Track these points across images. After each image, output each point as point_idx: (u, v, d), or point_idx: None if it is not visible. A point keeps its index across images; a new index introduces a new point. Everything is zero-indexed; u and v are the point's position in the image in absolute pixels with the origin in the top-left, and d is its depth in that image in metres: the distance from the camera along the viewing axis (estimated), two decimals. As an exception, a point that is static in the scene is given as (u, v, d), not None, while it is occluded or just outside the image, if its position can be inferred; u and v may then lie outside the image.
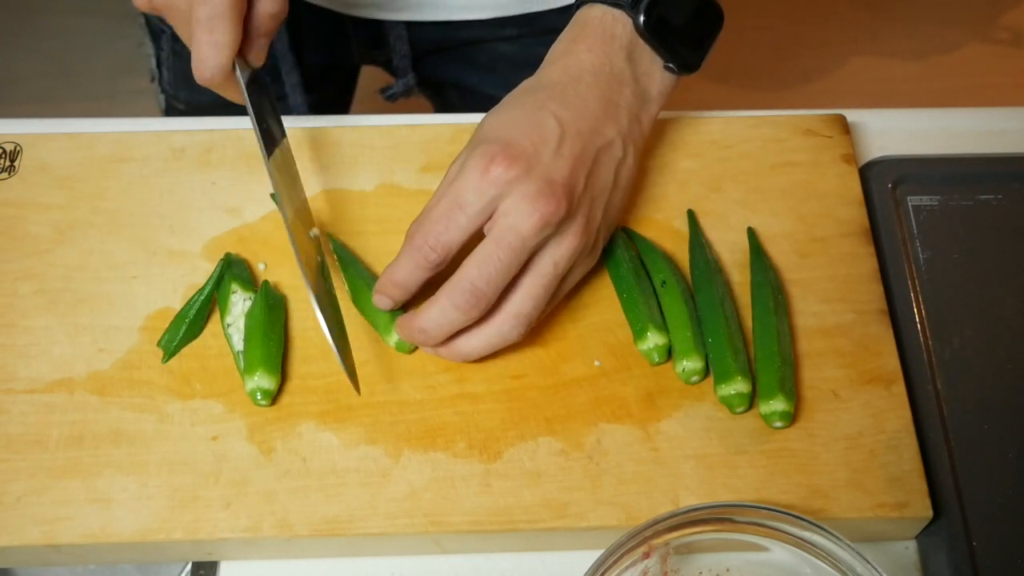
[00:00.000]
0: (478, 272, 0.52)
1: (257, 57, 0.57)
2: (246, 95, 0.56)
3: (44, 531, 0.52)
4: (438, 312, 0.53)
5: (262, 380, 0.55)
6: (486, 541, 0.54)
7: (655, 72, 0.59)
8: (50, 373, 0.57)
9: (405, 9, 0.80)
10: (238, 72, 0.56)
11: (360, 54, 0.89)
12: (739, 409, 0.55)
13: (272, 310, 0.58)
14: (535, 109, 0.55)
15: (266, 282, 0.59)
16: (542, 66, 0.59)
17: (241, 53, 0.55)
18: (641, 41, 0.58)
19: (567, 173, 0.53)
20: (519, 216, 0.52)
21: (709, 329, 0.57)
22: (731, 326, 0.57)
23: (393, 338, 0.57)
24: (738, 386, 0.55)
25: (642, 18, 0.57)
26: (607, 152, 0.56)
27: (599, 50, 0.58)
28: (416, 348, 0.58)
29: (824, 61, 1.93)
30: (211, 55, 0.54)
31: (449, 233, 0.53)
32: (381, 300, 0.56)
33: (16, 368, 0.57)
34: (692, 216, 0.62)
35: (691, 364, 0.56)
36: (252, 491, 0.53)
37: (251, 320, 0.57)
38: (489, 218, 0.53)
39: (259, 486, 0.54)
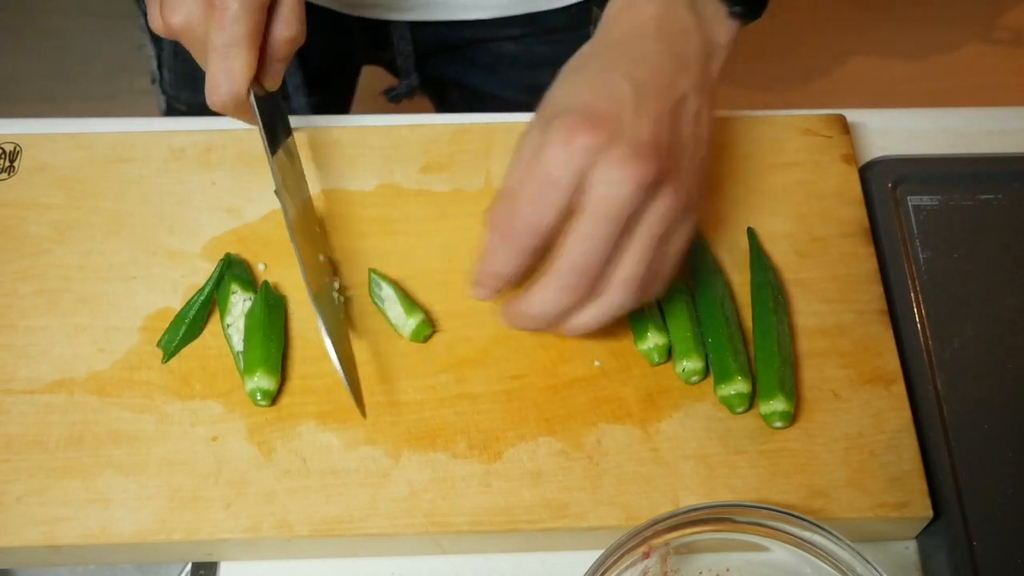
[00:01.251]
0: (581, 250, 0.49)
1: (272, 81, 0.57)
2: (260, 123, 0.56)
3: (44, 531, 0.52)
4: (550, 297, 0.51)
5: (262, 380, 0.55)
6: (486, 541, 0.54)
7: (720, 19, 0.56)
8: (50, 373, 0.57)
9: (409, 9, 0.80)
10: (252, 98, 0.56)
11: (363, 54, 0.89)
12: (739, 409, 0.55)
13: (272, 310, 0.58)
14: (604, 71, 0.53)
15: (266, 282, 0.59)
16: (602, 24, 0.56)
17: (256, 77, 0.56)
18: None
19: (651, 132, 0.50)
20: (613, 184, 0.49)
21: (709, 329, 0.57)
22: (731, 326, 0.57)
23: (408, 327, 0.57)
24: (738, 386, 0.55)
25: None
26: (683, 106, 0.53)
27: (660, 2, 0.55)
28: (430, 336, 0.57)
29: (824, 61, 1.93)
30: (225, 83, 0.54)
31: (545, 214, 0.50)
32: (482, 292, 0.53)
33: (16, 368, 0.57)
34: None
35: (691, 364, 0.56)
36: (252, 491, 0.53)
37: (251, 320, 0.57)
38: (578, 190, 0.50)
39: (259, 486, 0.54)
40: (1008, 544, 0.53)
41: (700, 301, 0.59)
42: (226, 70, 0.54)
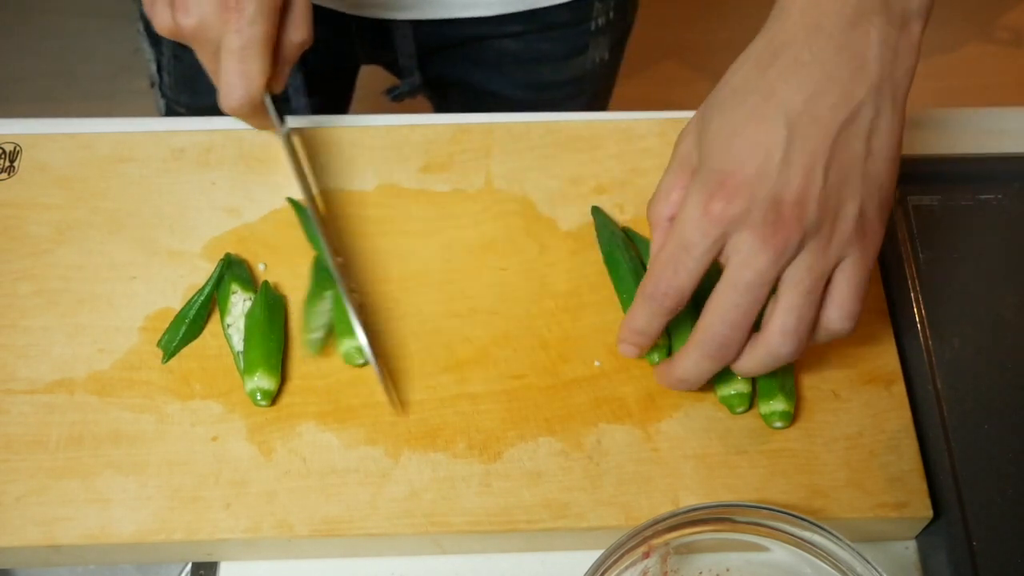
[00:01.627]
0: (720, 321, 0.50)
1: (279, 84, 0.58)
2: (278, 123, 0.56)
3: (44, 531, 0.52)
4: (693, 364, 0.51)
5: (262, 380, 0.55)
6: (486, 541, 0.54)
7: None
8: (50, 373, 0.57)
9: (410, 7, 0.80)
10: (268, 101, 0.56)
11: (364, 54, 0.89)
12: (739, 409, 0.55)
13: (272, 310, 0.58)
14: (761, 107, 0.49)
15: (266, 282, 0.59)
16: (778, 9, 0.51)
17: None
18: None
19: (799, 182, 0.48)
20: (750, 253, 0.48)
21: None
22: None
23: (344, 347, 0.57)
24: (738, 386, 0.55)
25: None
26: (853, 123, 0.49)
27: None
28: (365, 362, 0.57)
29: (824, 61, 1.92)
30: (241, 85, 0.54)
31: (679, 278, 0.50)
32: (627, 349, 0.54)
33: (16, 368, 0.57)
34: None
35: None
36: (252, 491, 0.53)
37: (251, 320, 0.57)
38: (717, 254, 0.50)
39: (259, 486, 0.54)
40: (1008, 544, 0.53)
41: (698, 301, 0.59)
42: (242, 72, 0.54)
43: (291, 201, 0.62)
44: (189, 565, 0.55)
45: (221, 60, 0.54)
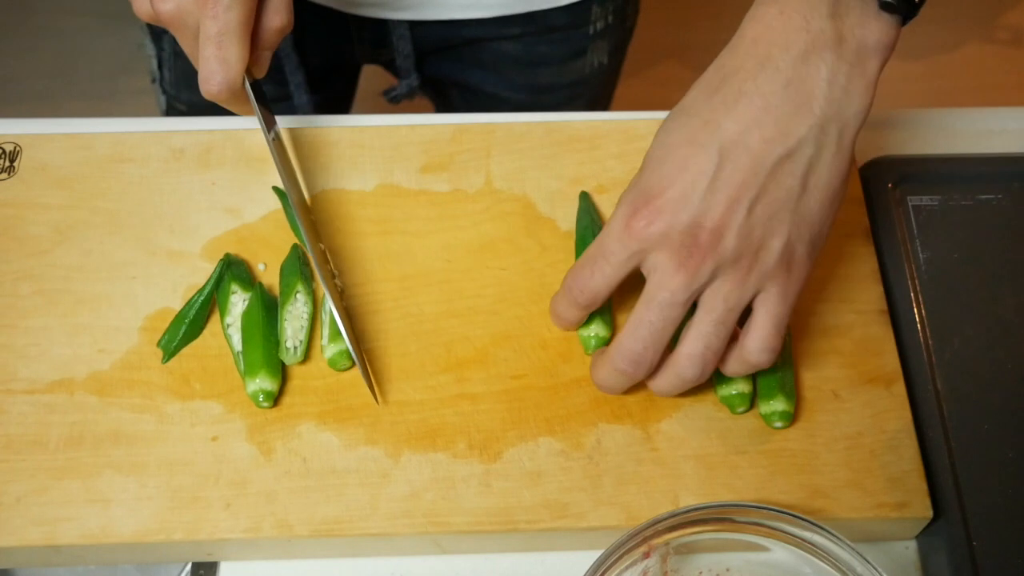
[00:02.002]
0: (633, 339, 0.51)
1: (260, 69, 0.57)
2: (256, 108, 0.56)
3: (44, 532, 0.52)
4: (606, 375, 0.54)
5: (264, 382, 0.55)
6: (486, 541, 0.54)
7: (869, 20, 0.49)
8: (50, 373, 0.57)
9: (408, 8, 0.80)
10: (247, 85, 0.56)
11: (363, 54, 0.89)
12: (740, 409, 0.55)
13: (268, 311, 0.58)
14: (698, 132, 0.50)
15: (260, 283, 0.59)
16: (736, 36, 0.51)
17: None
18: None
19: (719, 212, 0.49)
20: (664, 273, 0.50)
21: None
22: None
23: (329, 352, 0.57)
24: (739, 386, 0.55)
25: None
26: (789, 159, 0.49)
27: (794, 8, 0.49)
28: (348, 368, 0.57)
29: (824, 61, 1.92)
30: (219, 71, 0.54)
31: (594, 280, 0.52)
32: (553, 320, 0.58)
33: (16, 368, 0.57)
34: None
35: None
36: (252, 491, 0.53)
37: (247, 321, 0.57)
38: (637, 265, 0.51)
39: (259, 486, 0.54)
40: (1008, 544, 0.53)
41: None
42: (221, 58, 0.54)
43: (276, 190, 0.62)
44: (189, 565, 0.55)
45: (200, 47, 0.54)
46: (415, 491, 0.54)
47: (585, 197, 0.63)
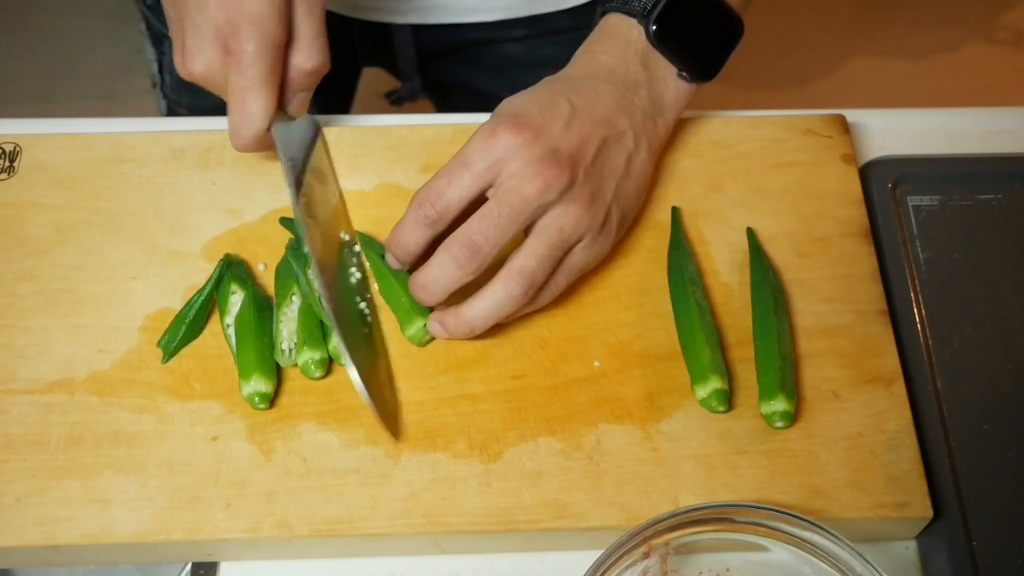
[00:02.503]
0: (476, 227, 0.53)
1: (297, 110, 0.59)
2: (283, 157, 0.57)
3: (44, 532, 0.52)
4: (437, 267, 0.54)
5: (259, 384, 0.55)
6: (486, 541, 0.54)
7: (669, 79, 0.60)
8: (50, 373, 0.57)
9: (411, 12, 0.80)
10: (274, 132, 0.56)
11: (365, 57, 0.89)
12: (719, 409, 0.55)
13: (261, 311, 0.57)
14: (550, 93, 0.57)
15: (253, 283, 0.59)
16: (566, 68, 0.61)
17: (280, 107, 0.57)
18: (654, 48, 0.59)
19: (574, 146, 0.55)
20: (522, 179, 0.53)
21: (681, 326, 0.58)
22: (704, 318, 0.57)
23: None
24: (714, 384, 0.55)
25: (653, 27, 0.58)
26: (618, 141, 0.57)
27: (616, 53, 0.59)
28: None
29: (824, 61, 1.93)
30: (244, 126, 0.56)
31: (450, 189, 0.54)
32: (390, 259, 0.58)
33: (16, 368, 0.57)
34: (675, 213, 0.62)
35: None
36: (252, 491, 0.53)
37: (240, 322, 0.57)
38: (490, 183, 0.54)
39: (259, 486, 0.54)
40: (1008, 544, 0.53)
41: (675, 302, 0.59)
42: (244, 113, 0.55)
43: (283, 222, 0.62)
44: (189, 565, 0.55)
45: (227, 101, 0.56)
46: (415, 491, 0.54)
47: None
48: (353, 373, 0.52)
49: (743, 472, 0.55)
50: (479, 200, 0.54)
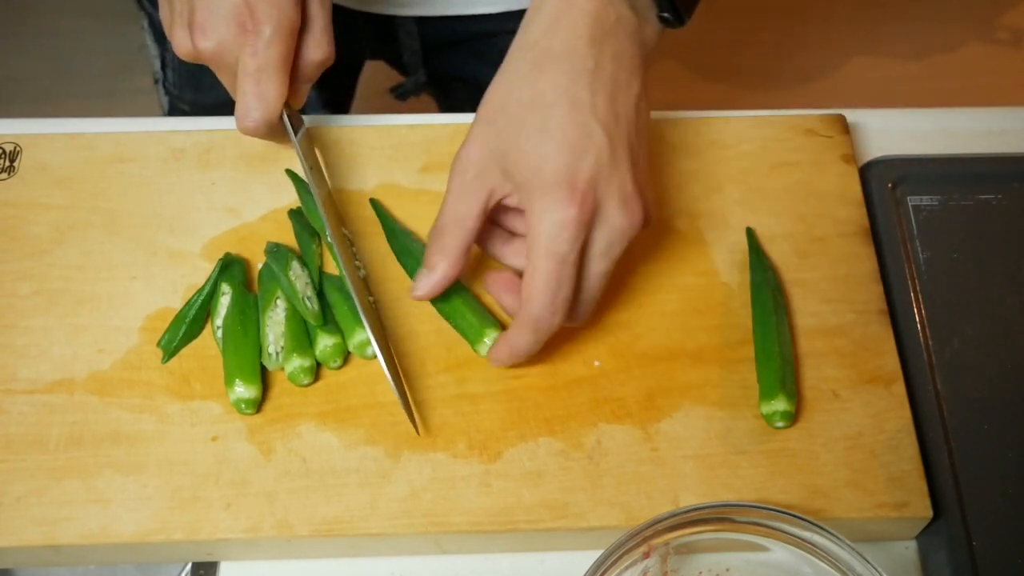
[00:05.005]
0: (596, 291, 0.53)
1: (298, 100, 0.58)
2: (295, 140, 0.56)
3: (44, 532, 0.52)
4: (524, 343, 0.53)
5: (242, 390, 0.55)
6: (486, 541, 0.54)
7: (651, 18, 0.55)
8: (50, 373, 0.57)
9: (416, 4, 0.80)
10: (285, 119, 0.56)
11: (369, 50, 0.89)
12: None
13: (245, 314, 0.57)
14: (572, 112, 0.51)
15: (238, 283, 0.59)
16: (534, 21, 0.55)
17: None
18: None
19: (631, 176, 0.52)
20: (616, 231, 0.52)
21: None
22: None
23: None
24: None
25: None
26: (640, 104, 0.54)
27: None
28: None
29: (824, 61, 1.93)
30: (257, 107, 0.54)
31: (560, 293, 0.51)
32: (495, 361, 0.55)
33: (16, 368, 0.57)
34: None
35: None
36: (252, 491, 0.53)
37: (225, 326, 0.57)
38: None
39: (259, 486, 0.54)
40: (1008, 544, 0.53)
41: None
42: (259, 95, 0.54)
43: (290, 174, 0.62)
44: (189, 565, 0.55)
45: (238, 82, 0.55)
46: (415, 491, 0.54)
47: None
48: (382, 362, 0.53)
49: (743, 472, 0.55)
50: None
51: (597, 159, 0.51)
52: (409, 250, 0.60)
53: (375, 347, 0.54)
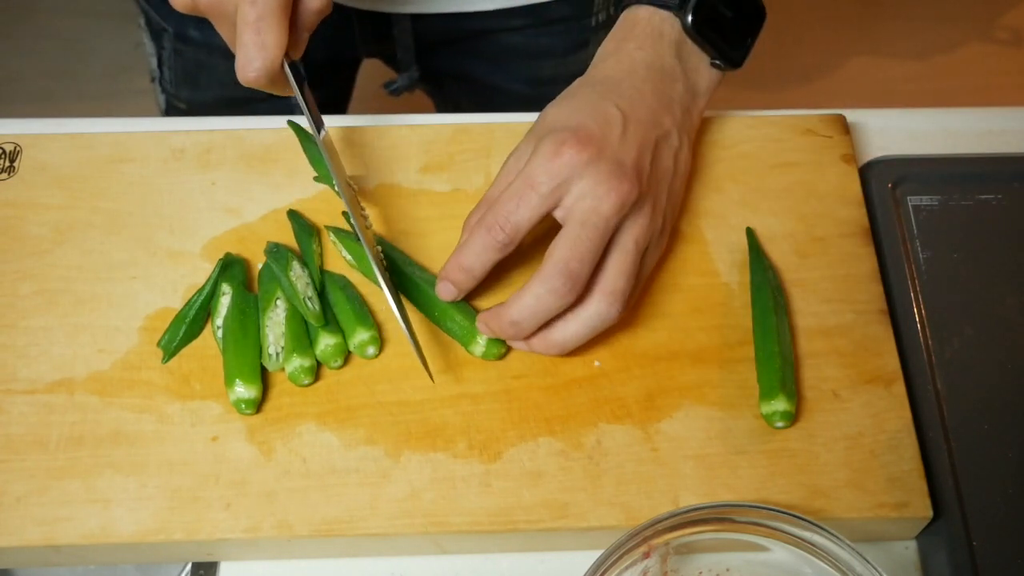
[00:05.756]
0: (571, 254, 0.52)
1: (297, 50, 0.57)
2: (295, 87, 0.56)
3: (44, 532, 0.52)
4: (533, 300, 0.53)
5: (242, 390, 0.55)
6: (486, 541, 0.54)
7: (702, 68, 0.61)
8: (50, 373, 0.57)
9: (410, 2, 0.80)
10: (287, 69, 0.55)
11: (364, 47, 0.89)
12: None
13: (245, 314, 0.57)
14: (596, 99, 0.56)
15: (239, 283, 0.59)
16: (593, 63, 0.61)
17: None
18: (688, 39, 0.60)
19: (635, 156, 0.55)
20: (597, 197, 0.52)
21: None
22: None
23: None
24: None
25: (690, 18, 0.59)
26: (665, 141, 0.58)
27: (649, 48, 0.59)
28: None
29: (824, 61, 1.93)
30: (258, 56, 0.54)
31: (519, 212, 0.53)
32: (445, 288, 0.56)
33: (16, 368, 0.57)
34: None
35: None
36: (252, 491, 0.53)
37: (226, 327, 0.57)
38: (557, 202, 0.53)
39: (259, 487, 0.54)
40: (1008, 544, 0.53)
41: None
42: (259, 44, 0.53)
43: (292, 125, 0.62)
44: (189, 565, 0.55)
45: (238, 31, 0.54)
46: (415, 491, 0.54)
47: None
48: (393, 308, 0.54)
49: (743, 472, 0.55)
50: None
51: (605, 126, 0.55)
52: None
53: (384, 287, 0.54)
